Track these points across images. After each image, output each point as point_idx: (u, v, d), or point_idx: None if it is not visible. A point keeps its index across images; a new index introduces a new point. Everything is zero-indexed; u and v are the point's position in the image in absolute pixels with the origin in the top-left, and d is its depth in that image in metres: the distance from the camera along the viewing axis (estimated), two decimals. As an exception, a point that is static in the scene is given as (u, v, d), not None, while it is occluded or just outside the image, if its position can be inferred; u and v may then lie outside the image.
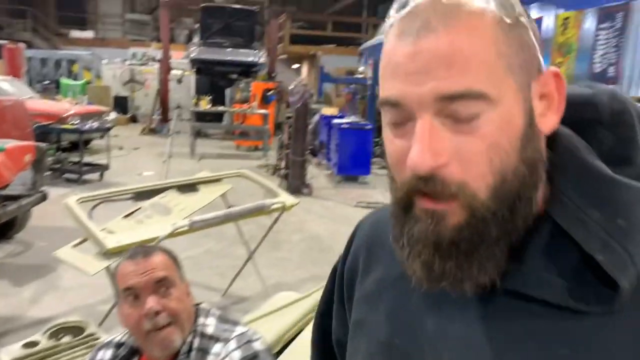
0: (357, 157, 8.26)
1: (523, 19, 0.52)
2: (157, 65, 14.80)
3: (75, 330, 3.15)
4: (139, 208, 3.39)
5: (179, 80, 14.11)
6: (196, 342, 1.29)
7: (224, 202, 4.01)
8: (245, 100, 12.08)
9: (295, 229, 5.77)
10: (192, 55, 12.82)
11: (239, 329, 1.32)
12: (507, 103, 0.51)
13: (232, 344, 1.27)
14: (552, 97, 0.54)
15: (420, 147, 0.50)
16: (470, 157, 0.50)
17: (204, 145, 11.16)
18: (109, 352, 1.38)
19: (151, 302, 1.24)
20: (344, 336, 0.72)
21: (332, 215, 6.55)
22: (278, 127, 12.91)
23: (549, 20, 11.39)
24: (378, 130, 10.54)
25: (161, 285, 1.27)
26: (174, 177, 5.42)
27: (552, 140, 0.56)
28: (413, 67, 0.51)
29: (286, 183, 7.49)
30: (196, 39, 13.63)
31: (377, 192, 8.00)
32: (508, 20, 0.51)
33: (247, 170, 4.27)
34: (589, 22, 10.18)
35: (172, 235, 2.98)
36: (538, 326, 0.53)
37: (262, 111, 11.09)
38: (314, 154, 9.93)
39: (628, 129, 0.57)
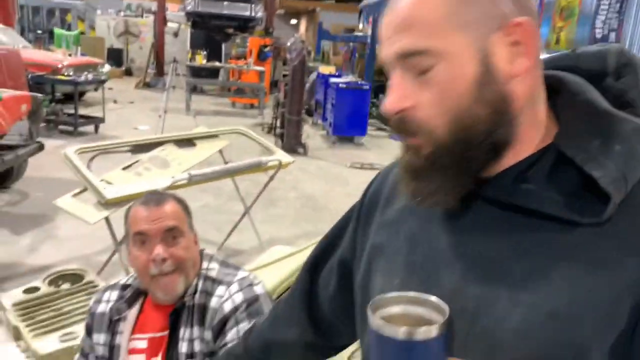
0: (353, 117, 8.25)
1: None
2: (152, 18, 14.53)
3: (74, 277, 3.23)
4: (137, 161, 3.42)
5: (176, 34, 13.89)
6: (201, 285, 1.35)
7: (222, 158, 4.05)
8: (241, 56, 11.95)
9: (291, 187, 5.83)
10: (188, 8, 12.57)
11: (241, 273, 1.38)
12: (455, 55, 0.61)
13: (235, 287, 1.33)
14: (521, 44, 0.62)
15: (390, 95, 0.64)
16: (428, 101, 0.63)
17: (200, 101, 11.10)
18: (115, 293, 1.44)
19: (159, 250, 1.29)
20: (350, 258, 0.85)
21: (326, 176, 6.60)
22: (274, 84, 12.82)
23: (552, -17, 11.23)
24: (375, 91, 10.49)
25: (170, 234, 1.31)
26: (170, 132, 5.41)
27: (560, 85, 0.67)
28: (384, 34, 0.65)
29: (282, 142, 7.50)
30: (192, -9, 13.34)
31: (372, 153, 8.04)
32: None
33: (244, 127, 4.29)
34: (592, -14, 10.05)
35: (171, 187, 3.02)
36: (536, 236, 0.62)
37: (259, 68, 10.98)
38: (310, 113, 9.90)
39: (631, 77, 0.67)
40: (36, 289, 3.05)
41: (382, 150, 8.27)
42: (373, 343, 0.59)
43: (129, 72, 15.32)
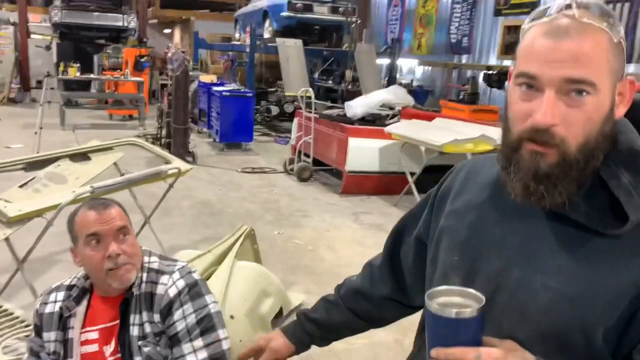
0: (239, 124, 8.44)
1: (622, 42, 0.82)
2: (11, 29, 13.57)
3: (-26, 302, 3.13)
4: (33, 178, 3.39)
5: (48, 47, 13.07)
6: (145, 276, 1.53)
7: (117, 170, 4.09)
8: (115, 67, 11.60)
9: (185, 196, 5.91)
10: (54, 19, 11.96)
11: (180, 264, 1.59)
12: (603, 92, 0.81)
13: (177, 275, 1.53)
14: (624, 95, 0.85)
15: (544, 110, 0.80)
16: (573, 122, 0.80)
17: (76, 115, 10.61)
18: (61, 294, 1.57)
19: (113, 247, 1.47)
20: (425, 236, 1.09)
21: (219, 181, 6.75)
22: (152, 94, 12.59)
23: (412, -7, 12.22)
24: (258, 98, 10.75)
25: (120, 232, 1.50)
26: (47, 148, 5.26)
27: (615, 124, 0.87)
28: (552, 57, 0.79)
29: (169, 152, 7.50)
30: (57, 2, 12.70)
31: (260, 157, 8.30)
32: (615, 40, 0.81)
33: (138, 139, 4.35)
34: (446, -4, 11.13)
35: (74, 202, 3.06)
36: (569, 239, 0.84)
37: (136, 79, 10.77)
38: (195, 121, 9.92)
39: None
40: None
41: (268, 154, 8.55)
42: (430, 326, 0.83)
43: (-12, 88, 14.13)
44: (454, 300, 0.82)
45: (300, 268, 4.19)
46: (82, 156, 3.82)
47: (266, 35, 10.93)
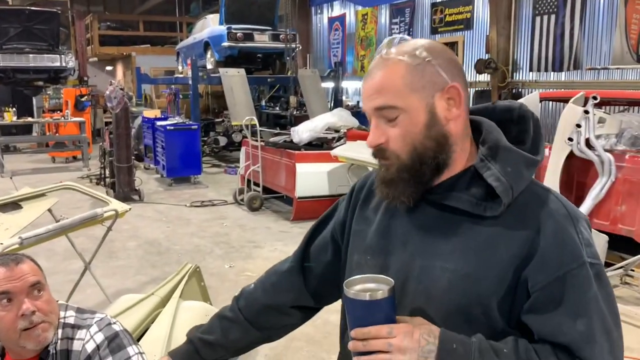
0: (186, 157, 8.31)
1: (429, 59, 0.98)
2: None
3: None
4: (-43, 232, 3.19)
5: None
6: (60, 332, 1.42)
7: (52, 217, 3.90)
8: (56, 108, 11.29)
9: (130, 236, 5.72)
10: (-13, 64, 11.58)
11: (98, 316, 1.49)
12: (412, 109, 0.98)
13: (94, 328, 1.43)
14: (455, 98, 0.99)
15: (371, 135, 1.02)
16: (396, 138, 0.99)
17: (15, 160, 10.24)
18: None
19: (27, 304, 1.36)
20: (340, 236, 1.21)
21: (166, 218, 6.58)
22: (97, 134, 12.28)
23: (351, 16, 12.47)
24: (205, 129, 10.63)
25: (34, 288, 1.38)
26: (-16, 198, 5.01)
27: (480, 126, 1.04)
28: (365, 94, 1.02)
29: (114, 192, 7.29)
30: (-10, 46, 12.30)
31: (210, 190, 8.16)
32: (415, 63, 0.97)
33: (72, 182, 4.19)
34: (383, 17, 11.40)
35: (1, 255, 2.89)
36: (458, 226, 0.99)
37: (78, 119, 10.49)
38: (140, 158, 9.71)
39: (525, 125, 1.04)
40: None
41: (218, 185, 8.43)
42: (349, 310, 0.94)
43: None
44: (368, 285, 0.94)
45: (252, 301, 4.08)
46: (12, 205, 3.63)
47: (209, 66, 10.86)
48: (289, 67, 10.59)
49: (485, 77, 8.74)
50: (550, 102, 7.32)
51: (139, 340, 2.38)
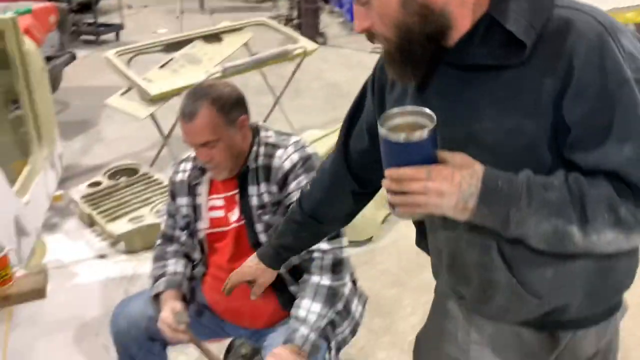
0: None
1: None
2: None
3: (130, 171, 3.56)
4: (172, 59, 3.60)
5: None
6: (262, 150, 1.59)
7: (248, 51, 4.19)
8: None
9: (314, 77, 5.96)
10: None
11: (294, 138, 1.62)
12: None
13: (291, 148, 1.57)
14: None
15: (355, 21, 0.94)
16: (377, 20, 0.91)
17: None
18: (188, 164, 1.70)
19: (199, 155, 1.56)
20: (374, 120, 1.10)
21: (348, 63, 6.67)
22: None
23: None
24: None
25: (206, 144, 1.53)
26: (189, 32, 5.50)
27: None
28: None
29: (300, 33, 7.49)
30: None
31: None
32: None
33: (267, 19, 4.37)
34: None
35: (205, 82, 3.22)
36: (484, 82, 0.90)
37: (269, -42, 10.63)
38: (326, 0, 9.71)
39: None
40: (98, 183, 3.40)
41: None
42: (383, 149, 0.85)
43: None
44: (409, 120, 0.86)
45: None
46: (214, 37, 3.95)
47: None
48: None
49: None
50: None
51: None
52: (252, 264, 1.44)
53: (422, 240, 1.18)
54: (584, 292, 0.97)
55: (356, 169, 1.20)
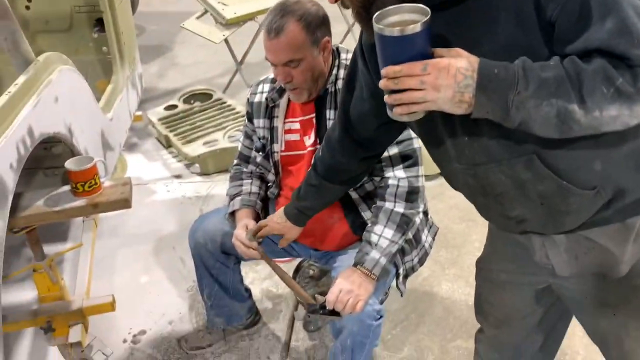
0: None
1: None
2: None
3: (204, 96, 3.63)
4: (246, -17, 3.54)
5: None
6: (341, 73, 1.56)
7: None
8: None
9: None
10: None
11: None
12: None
13: None
14: None
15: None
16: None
17: None
18: (267, 85, 1.70)
19: (279, 75, 1.52)
20: (374, 85, 1.06)
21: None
22: None
23: None
24: None
25: (287, 65, 1.49)
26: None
27: None
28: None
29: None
30: None
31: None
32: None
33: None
34: None
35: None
36: (458, 14, 0.88)
37: None
38: None
39: None
40: (174, 106, 3.49)
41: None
42: (379, 47, 0.85)
43: None
44: (405, 17, 0.84)
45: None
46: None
47: None
48: None
49: None
50: None
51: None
52: (280, 220, 1.55)
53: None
54: (637, 171, 0.97)
55: (359, 135, 1.25)
